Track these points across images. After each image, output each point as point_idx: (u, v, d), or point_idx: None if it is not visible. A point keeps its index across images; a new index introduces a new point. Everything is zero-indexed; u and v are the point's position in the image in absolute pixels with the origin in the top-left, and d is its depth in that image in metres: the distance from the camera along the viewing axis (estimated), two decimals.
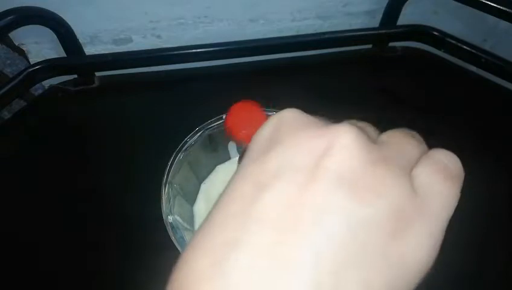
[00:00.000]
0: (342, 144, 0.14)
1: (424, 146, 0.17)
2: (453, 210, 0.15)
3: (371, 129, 0.18)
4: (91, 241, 0.37)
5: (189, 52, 0.48)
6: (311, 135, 0.15)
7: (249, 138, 0.30)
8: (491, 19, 0.47)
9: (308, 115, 0.17)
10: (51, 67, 0.46)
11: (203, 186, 0.38)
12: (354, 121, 0.18)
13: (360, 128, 0.15)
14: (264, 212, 0.14)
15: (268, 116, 0.32)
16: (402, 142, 0.17)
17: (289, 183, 0.14)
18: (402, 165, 0.15)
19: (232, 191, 0.15)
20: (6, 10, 0.41)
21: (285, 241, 0.13)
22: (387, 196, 0.14)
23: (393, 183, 0.14)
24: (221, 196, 0.15)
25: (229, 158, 0.40)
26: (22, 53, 0.50)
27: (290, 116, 0.17)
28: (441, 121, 0.47)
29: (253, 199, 0.14)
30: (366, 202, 0.13)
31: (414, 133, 0.18)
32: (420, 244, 0.14)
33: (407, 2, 0.50)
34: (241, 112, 0.31)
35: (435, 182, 0.15)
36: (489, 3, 0.45)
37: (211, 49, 0.48)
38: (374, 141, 0.16)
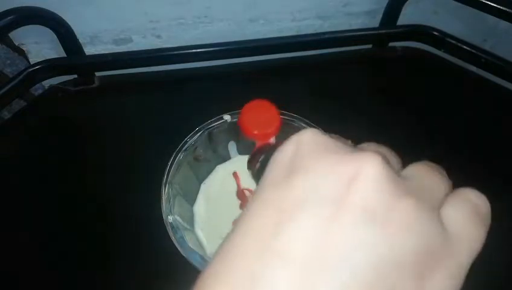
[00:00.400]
0: (368, 175, 0.14)
1: (449, 181, 0.16)
2: (478, 252, 0.15)
3: (392, 155, 0.17)
4: (91, 241, 0.37)
5: (189, 52, 0.48)
6: (336, 162, 0.15)
7: (261, 138, 0.30)
8: (491, 19, 0.47)
9: (328, 137, 0.16)
10: (51, 67, 0.46)
11: (203, 187, 0.38)
12: (373, 144, 0.18)
13: (385, 158, 0.15)
14: (288, 246, 0.13)
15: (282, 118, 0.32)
16: (428, 177, 0.16)
17: (314, 216, 0.13)
18: (430, 200, 0.15)
19: (253, 216, 0.15)
20: (6, 10, 0.41)
21: (309, 279, 0.13)
22: (415, 233, 0.13)
23: (421, 220, 0.14)
24: (241, 218, 0.15)
25: (229, 158, 0.40)
26: (22, 53, 0.50)
27: (310, 138, 0.16)
28: (441, 121, 0.47)
29: (276, 230, 0.14)
30: (394, 239, 0.13)
31: (438, 167, 0.17)
32: (445, 284, 0.14)
33: (407, 2, 0.50)
34: (255, 110, 0.31)
35: (466, 223, 0.15)
36: (489, 3, 0.45)
37: (211, 49, 0.48)
38: (397, 172, 0.16)
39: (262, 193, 0.15)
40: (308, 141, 0.16)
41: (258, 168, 0.24)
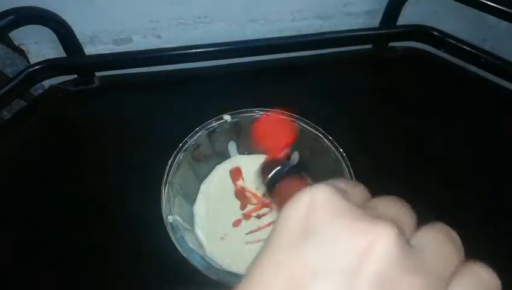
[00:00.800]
0: (381, 249, 0.14)
1: (462, 251, 0.16)
2: None
3: (406, 214, 0.17)
4: (91, 241, 0.37)
5: (189, 52, 0.48)
6: (349, 231, 0.15)
7: (274, 150, 0.31)
8: (491, 19, 0.47)
9: (342, 197, 0.16)
10: (51, 67, 0.46)
11: (202, 186, 0.38)
12: (389, 201, 0.17)
13: (400, 229, 0.15)
14: None
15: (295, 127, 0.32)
16: (441, 249, 0.16)
17: (325, 286, 0.14)
18: (440, 277, 0.15)
19: (264, 277, 0.15)
20: (6, 10, 0.41)
21: None
22: None
23: None
24: (251, 271, 0.15)
25: (229, 158, 0.40)
26: (22, 53, 0.50)
27: (324, 199, 0.16)
28: (441, 121, 0.47)
29: None
30: None
31: (452, 233, 0.17)
32: None
33: (407, 2, 0.50)
34: (269, 122, 0.32)
35: None
36: (489, 3, 0.45)
37: (211, 49, 0.48)
38: (411, 236, 0.16)
39: (272, 253, 0.15)
40: (321, 202, 0.16)
41: (268, 180, 0.25)
